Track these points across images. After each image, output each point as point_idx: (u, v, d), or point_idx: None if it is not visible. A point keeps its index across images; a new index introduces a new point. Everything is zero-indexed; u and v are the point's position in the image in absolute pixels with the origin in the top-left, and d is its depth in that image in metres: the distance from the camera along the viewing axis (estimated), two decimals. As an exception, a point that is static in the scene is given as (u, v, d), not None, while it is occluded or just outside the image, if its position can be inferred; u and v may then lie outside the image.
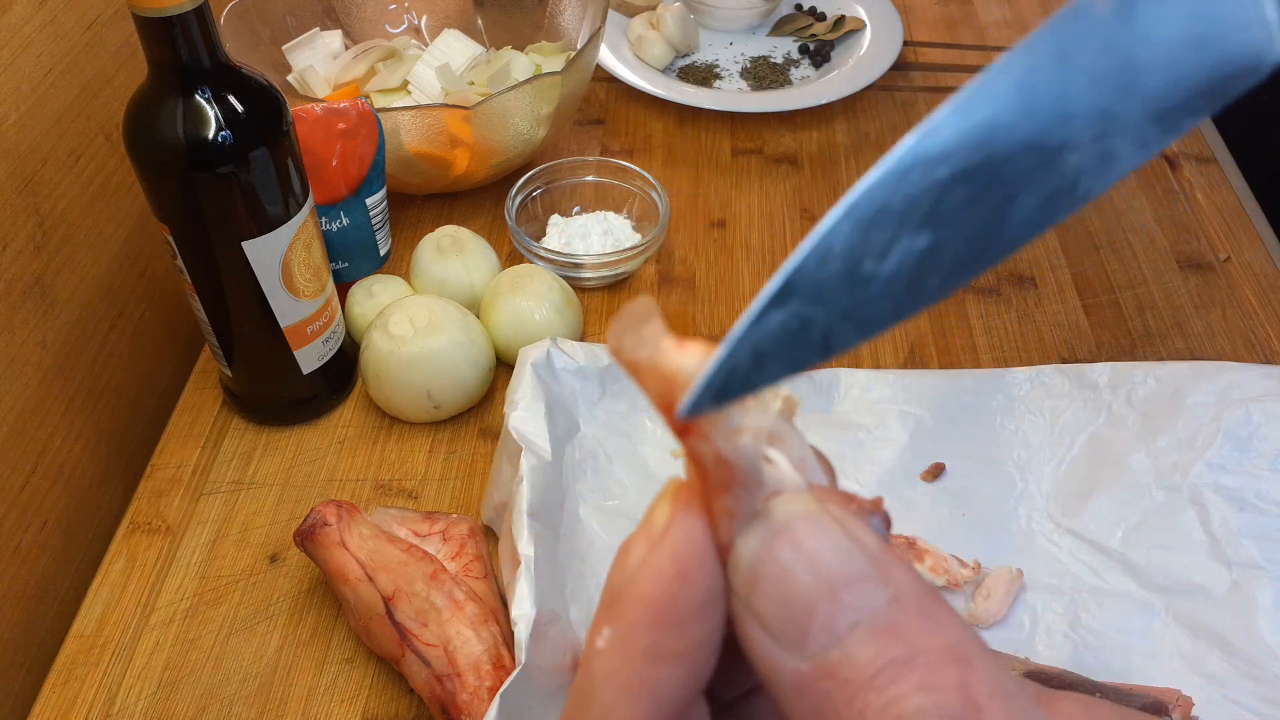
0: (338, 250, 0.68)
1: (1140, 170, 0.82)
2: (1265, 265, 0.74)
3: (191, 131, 0.51)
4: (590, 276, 0.71)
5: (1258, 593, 0.51)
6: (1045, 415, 0.59)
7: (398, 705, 0.52)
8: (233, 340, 0.60)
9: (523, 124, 0.72)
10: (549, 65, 0.81)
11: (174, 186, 0.52)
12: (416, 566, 0.51)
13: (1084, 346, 0.69)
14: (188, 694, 0.52)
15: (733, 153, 0.85)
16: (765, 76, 0.91)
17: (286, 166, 0.55)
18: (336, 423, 0.65)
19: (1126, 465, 0.57)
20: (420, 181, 0.75)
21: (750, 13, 0.95)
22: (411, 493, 0.61)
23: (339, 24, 0.84)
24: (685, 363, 0.18)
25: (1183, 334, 0.69)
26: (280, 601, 0.56)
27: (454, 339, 0.61)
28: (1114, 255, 0.75)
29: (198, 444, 0.64)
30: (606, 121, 0.88)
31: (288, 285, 0.58)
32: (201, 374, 0.68)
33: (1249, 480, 0.55)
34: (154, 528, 0.59)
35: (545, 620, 0.46)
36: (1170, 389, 0.58)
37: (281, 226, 0.55)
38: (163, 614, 0.55)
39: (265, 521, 0.60)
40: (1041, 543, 0.55)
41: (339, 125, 0.64)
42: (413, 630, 0.49)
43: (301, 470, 0.62)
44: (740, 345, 0.17)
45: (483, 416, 0.65)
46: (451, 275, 0.67)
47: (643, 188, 0.74)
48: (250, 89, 0.52)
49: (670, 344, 0.18)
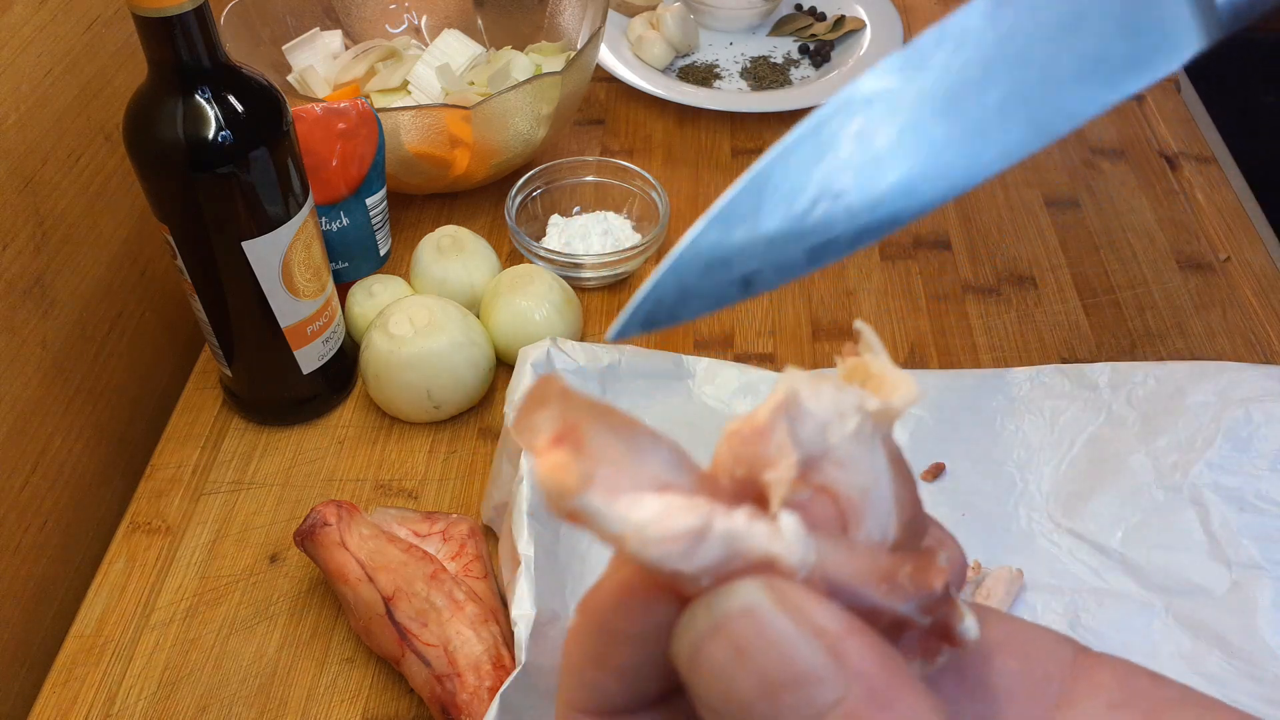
0: (338, 250, 0.68)
1: (1140, 170, 0.82)
2: (1265, 265, 0.74)
3: (191, 131, 0.51)
4: (590, 276, 0.71)
5: (1258, 593, 0.51)
6: (1045, 415, 0.59)
7: (398, 705, 0.52)
8: (233, 340, 0.60)
9: (523, 124, 0.72)
10: (549, 65, 0.81)
11: (174, 186, 0.52)
12: (416, 566, 0.51)
13: (1084, 346, 0.69)
14: (188, 694, 0.52)
15: (733, 153, 0.85)
16: (765, 76, 0.91)
17: (286, 166, 0.55)
18: (336, 423, 0.65)
19: (1126, 465, 0.57)
20: (420, 181, 0.75)
21: (750, 13, 0.95)
22: (411, 493, 0.61)
23: (339, 24, 0.84)
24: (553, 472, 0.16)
25: (1183, 334, 0.69)
26: (280, 601, 0.56)
27: (454, 339, 0.61)
28: (1114, 255, 0.75)
29: (198, 444, 0.64)
30: (606, 121, 0.88)
31: (288, 285, 0.58)
32: (201, 374, 0.68)
33: (1249, 480, 0.55)
34: (154, 528, 0.59)
35: (545, 620, 0.46)
36: (1170, 389, 0.58)
37: (281, 226, 0.55)
38: (163, 614, 0.55)
39: (265, 521, 0.60)
40: (1041, 543, 0.55)
41: (339, 125, 0.64)
42: (413, 630, 0.49)
43: (301, 470, 0.62)
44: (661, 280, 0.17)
45: (483, 416, 0.65)
46: (451, 275, 0.67)
47: (643, 188, 0.74)
48: (250, 89, 0.52)
49: (545, 443, 0.16)
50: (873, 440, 0.17)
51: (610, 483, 0.16)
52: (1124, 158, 0.84)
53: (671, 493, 0.16)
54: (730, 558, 0.15)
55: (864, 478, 0.17)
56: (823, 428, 0.17)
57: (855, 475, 0.17)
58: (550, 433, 0.16)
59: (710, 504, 0.16)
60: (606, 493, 0.16)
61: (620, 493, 0.16)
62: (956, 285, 0.73)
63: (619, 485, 0.16)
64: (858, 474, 0.17)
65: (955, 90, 0.17)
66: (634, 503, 0.16)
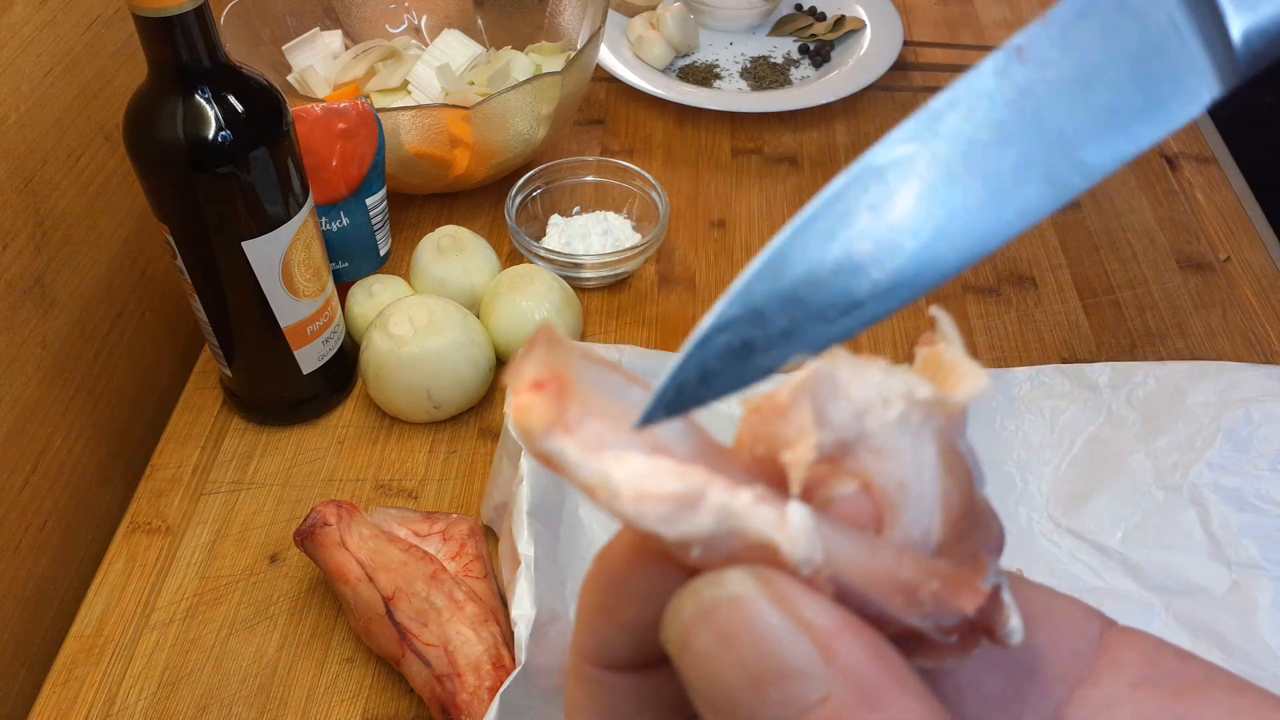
0: (338, 250, 0.68)
1: (1140, 170, 0.82)
2: (1265, 265, 0.74)
3: (191, 131, 0.51)
4: (590, 276, 0.71)
5: (1258, 593, 0.51)
6: (1045, 415, 0.59)
7: (398, 705, 0.52)
8: (233, 340, 0.60)
9: (523, 124, 0.72)
10: (549, 65, 0.81)
11: (174, 186, 0.52)
12: (416, 566, 0.51)
13: (1084, 346, 0.69)
14: (188, 694, 0.52)
15: (733, 153, 0.85)
16: (765, 76, 0.91)
17: (286, 166, 0.55)
18: (336, 423, 0.65)
19: (1126, 465, 0.57)
20: (420, 181, 0.75)
21: (750, 13, 0.95)
22: (411, 493, 0.61)
23: (339, 24, 0.84)
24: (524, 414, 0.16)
25: (1183, 334, 0.69)
26: (280, 601, 0.56)
27: (454, 339, 0.61)
28: (1114, 255, 0.75)
29: (198, 444, 0.64)
30: (606, 121, 0.88)
31: (288, 285, 0.58)
32: (201, 374, 0.68)
33: (1249, 480, 0.55)
34: (154, 528, 0.59)
35: (545, 620, 0.46)
36: (1170, 389, 0.58)
37: (281, 226, 0.55)
38: (163, 614, 0.55)
39: (265, 521, 0.60)
40: (1041, 543, 0.55)
41: (339, 125, 0.64)
42: (413, 630, 0.49)
43: (301, 470, 0.62)
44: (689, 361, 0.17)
45: (483, 416, 0.65)
46: (451, 275, 0.67)
47: (643, 188, 0.74)
48: (250, 89, 0.52)
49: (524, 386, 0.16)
50: (921, 431, 0.16)
51: (598, 437, 0.15)
52: (1124, 158, 0.84)
53: (664, 457, 0.15)
54: (726, 535, 0.15)
55: (903, 470, 0.16)
56: (859, 411, 0.16)
57: (893, 466, 0.16)
58: (531, 377, 0.16)
59: (709, 475, 0.15)
60: (591, 446, 0.15)
61: (607, 449, 0.15)
62: (956, 285, 0.73)
63: (607, 441, 0.15)
64: (897, 465, 0.16)
65: (970, 153, 0.17)
66: (619, 459, 0.15)
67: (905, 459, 0.16)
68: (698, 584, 0.16)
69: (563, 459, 0.15)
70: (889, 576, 0.15)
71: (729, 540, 0.15)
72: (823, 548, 0.15)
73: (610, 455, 0.15)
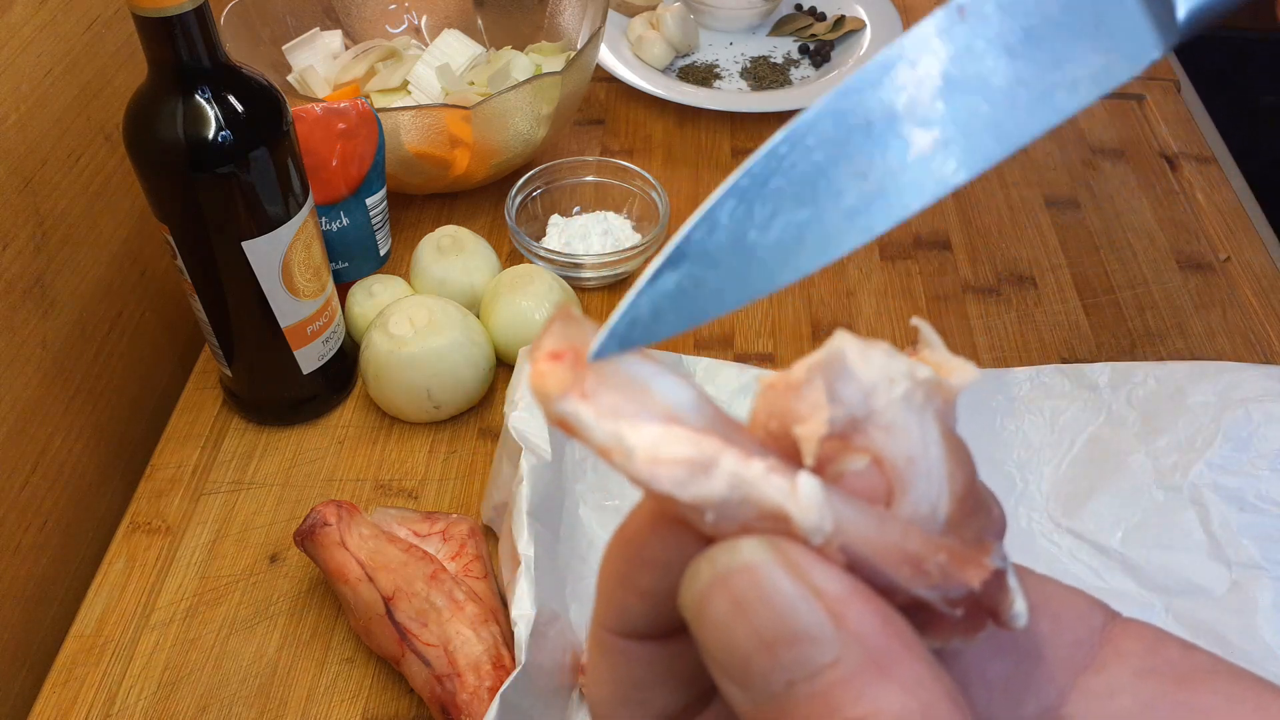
0: (338, 250, 0.68)
1: (1140, 170, 0.82)
2: (1265, 265, 0.74)
3: (191, 131, 0.51)
4: (590, 276, 0.71)
5: (1258, 593, 0.51)
6: (1045, 415, 0.59)
7: (398, 705, 0.52)
8: (233, 340, 0.60)
9: (523, 124, 0.72)
10: (549, 65, 0.81)
11: (174, 186, 0.52)
12: (416, 566, 0.51)
13: (1084, 346, 0.69)
14: (188, 694, 0.52)
15: (733, 153, 0.85)
16: (765, 76, 0.91)
17: (286, 166, 0.55)
18: (336, 423, 0.65)
19: (1126, 465, 0.57)
20: (420, 181, 0.75)
21: (750, 13, 0.95)
22: (411, 493, 0.61)
23: (339, 24, 0.84)
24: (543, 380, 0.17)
25: (1183, 334, 0.69)
26: (280, 601, 0.56)
27: (454, 339, 0.61)
28: (1114, 255, 0.75)
29: (198, 444, 0.64)
30: (606, 121, 0.88)
31: (288, 285, 0.58)
32: (201, 374, 0.68)
33: (1249, 480, 0.55)
34: (154, 528, 0.59)
35: (545, 620, 0.46)
36: (1170, 389, 0.58)
37: (281, 226, 0.55)
38: (163, 614, 0.56)
39: (265, 521, 0.60)
40: (1041, 543, 0.55)
41: (339, 125, 0.64)
42: (413, 630, 0.49)
43: (301, 470, 0.62)
44: (640, 299, 0.17)
45: (483, 416, 0.65)
46: (451, 275, 0.67)
47: (643, 188, 0.74)
48: (250, 89, 0.52)
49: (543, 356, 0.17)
50: (924, 410, 0.17)
51: (613, 408, 0.16)
52: (1124, 158, 0.84)
53: (679, 426, 0.16)
54: (739, 502, 0.16)
55: (911, 445, 0.17)
56: (867, 390, 0.17)
57: (901, 441, 0.17)
58: (549, 348, 0.16)
59: (722, 444, 0.16)
60: (607, 415, 0.16)
61: (624, 417, 0.16)
62: (956, 285, 0.73)
63: (623, 411, 0.16)
64: (904, 441, 0.17)
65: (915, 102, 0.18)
66: (634, 426, 0.16)
67: (913, 434, 0.17)
68: (713, 551, 0.16)
69: (578, 420, 0.16)
70: (897, 548, 0.16)
71: (742, 508, 0.16)
72: (833, 517, 0.16)
73: (627, 424, 0.16)
